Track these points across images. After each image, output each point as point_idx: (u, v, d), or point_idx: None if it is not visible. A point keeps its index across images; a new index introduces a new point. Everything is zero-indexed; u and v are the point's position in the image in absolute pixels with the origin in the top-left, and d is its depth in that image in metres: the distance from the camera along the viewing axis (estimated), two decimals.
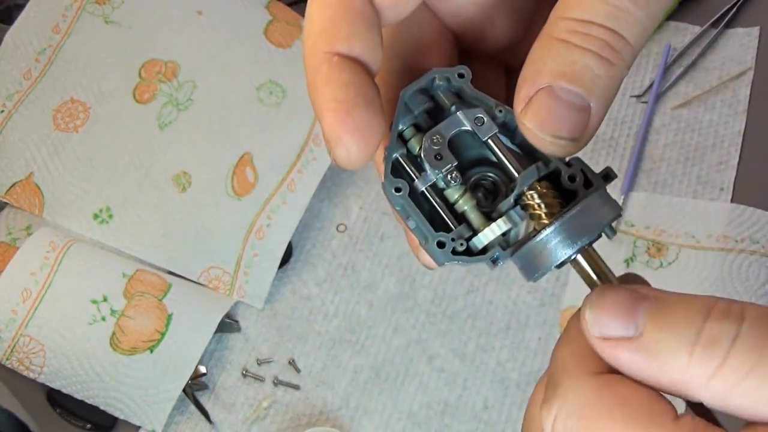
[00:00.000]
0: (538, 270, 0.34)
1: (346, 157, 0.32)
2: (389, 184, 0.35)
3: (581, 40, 0.31)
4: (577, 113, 0.31)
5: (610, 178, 0.35)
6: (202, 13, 1.05)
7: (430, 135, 0.35)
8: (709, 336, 0.28)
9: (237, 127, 0.99)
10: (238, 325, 0.92)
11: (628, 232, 0.93)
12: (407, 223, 0.35)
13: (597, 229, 0.33)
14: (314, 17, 0.34)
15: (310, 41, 0.34)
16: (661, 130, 0.99)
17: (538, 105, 0.32)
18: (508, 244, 0.35)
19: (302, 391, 0.88)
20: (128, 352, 0.86)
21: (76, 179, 0.97)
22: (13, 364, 0.85)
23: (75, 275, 0.88)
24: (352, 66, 0.33)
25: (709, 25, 1.04)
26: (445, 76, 0.36)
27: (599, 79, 0.31)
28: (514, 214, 0.35)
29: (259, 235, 0.95)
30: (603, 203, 0.33)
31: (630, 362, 0.30)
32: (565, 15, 0.32)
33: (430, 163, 0.34)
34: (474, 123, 0.35)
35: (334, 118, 0.32)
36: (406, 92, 0.36)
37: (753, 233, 0.89)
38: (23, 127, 0.99)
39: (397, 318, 0.92)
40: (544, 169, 0.35)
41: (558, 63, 0.31)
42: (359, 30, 0.33)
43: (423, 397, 0.87)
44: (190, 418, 0.87)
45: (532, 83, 0.32)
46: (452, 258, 0.34)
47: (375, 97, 0.33)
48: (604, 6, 0.31)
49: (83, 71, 1.01)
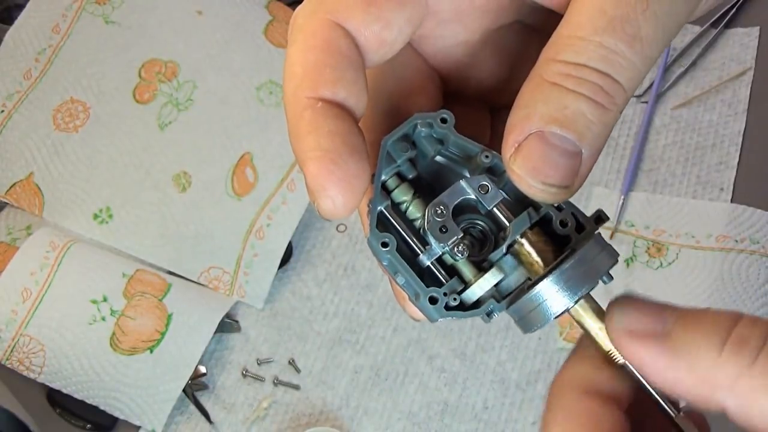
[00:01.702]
0: (535, 324, 0.32)
1: (331, 208, 0.31)
2: (375, 239, 0.33)
3: (574, 84, 0.30)
4: (569, 159, 0.30)
5: (602, 220, 0.34)
6: (202, 13, 1.05)
7: (433, 206, 0.33)
8: (739, 335, 0.28)
9: (237, 127, 0.99)
10: (238, 325, 0.92)
11: (628, 232, 0.93)
12: (396, 279, 0.34)
13: (595, 278, 0.32)
14: (296, 60, 0.32)
15: (291, 85, 0.32)
16: (661, 130, 0.99)
17: (528, 151, 0.30)
18: (502, 295, 0.34)
19: (302, 391, 0.88)
20: (128, 352, 0.86)
21: (76, 179, 0.97)
22: (13, 364, 0.85)
23: (75, 275, 0.88)
24: (337, 112, 0.31)
25: (709, 25, 1.04)
26: (428, 122, 0.34)
27: (592, 124, 0.30)
28: (506, 263, 0.34)
29: (259, 235, 0.95)
30: (600, 250, 0.32)
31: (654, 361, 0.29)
32: (556, 57, 0.30)
33: (435, 236, 0.33)
34: (478, 191, 0.33)
35: (318, 168, 0.31)
36: (387, 140, 0.34)
37: (753, 233, 0.89)
38: (23, 127, 0.99)
39: (397, 318, 0.92)
40: (535, 215, 0.33)
41: (549, 107, 0.30)
42: (344, 74, 0.32)
43: (423, 397, 0.87)
44: (190, 418, 0.87)
45: (522, 128, 0.30)
46: (446, 314, 0.33)
47: (360, 144, 0.32)
48: (598, 49, 0.30)
49: (83, 71, 1.01)
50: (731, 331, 0.28)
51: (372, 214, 0.34)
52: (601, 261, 0.32)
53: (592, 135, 0.30)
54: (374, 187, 0.34)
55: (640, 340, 0.29)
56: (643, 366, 0.29)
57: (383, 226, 0.34)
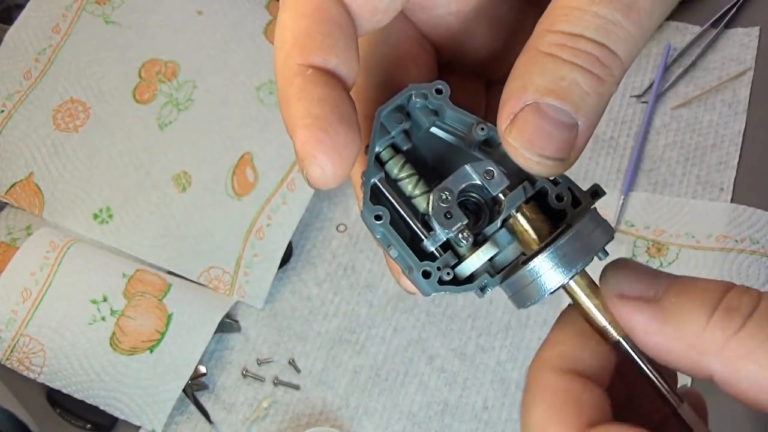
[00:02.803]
0: (530, 299, 0.32)
1: (320, 176, 0.30)
2: (368, 212, 0.33)
3: (570, 55, 0.29)
4: (565, 131, 0.30)
5: (599, 195, 0.33)
6: (202, 13, 1.05)
7: (438, 191, 0.33)
8: (729, 303, 0.28)
9: (237, 127, 0.99)
10: (238, 325, 0.92)
11: (628, 232, 0.93)
12: (389, 252, 0.33)
13: (590, 254, 0.32)
14: (287, 27, 0.32)
15: (282, 52, 0.32)
16: (661, 130, 0.99)
17: (523, 122, 0.30)
18: (496, 270, 0.34)
19: (302, 391, 0.88)
20: (128, 352, 0.86)
21: (76, 179, 0.97)
22: (13, 364, 0.85)
23: (75, 275, 0.88)
24: (327, 80, 0.31)
25: (709, 25, 1.04)
26: (422, 93, 0.33)
27: (588, 96, 0.30)
28: (501, 238, 0.33)
29: (259, 235, 0.95)
30: (595, 226, 0.32)
31: (645, 324, 0.29)
32: (552, 28, 0.30)
33: (439, 222, 0.32)
34: (483, 177, 0.33)
35: (308, 136, 0.30)
36: (381, 112, 0.33)
37: (753, 233, 0.89)
38: (23, 127, 0.99)
39: (397, 318, 0.92)
40: (530, 189, 0.33)
41: (545, 78, 0.29)
42: (335, 41, 0.31)
43: (423, 397, 0.87)
44: (190, 418, 0.87)
45: (517, 99, 0.30)
46: (439, 288, 0.33)
47: (351, 113, 0.31)
48: (594, 19, 0.29)
49: (83, 71, 1.01)
50: (722, 299, 0.29)
51: (365, 187, 0.33)
52: (596, 237, 0.32)
53: (588, 106, 0.30)
54: (368, 159, 0.34)
55: (632, 303, 0.30)
56: (633, 329, 0.30)
57: (376, 199, 0.34)
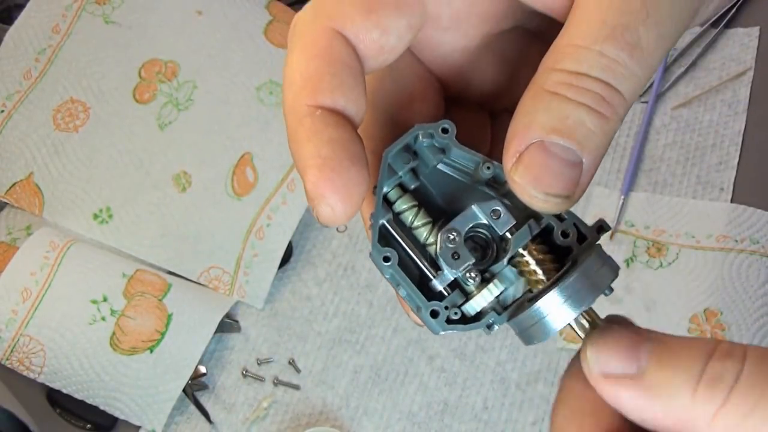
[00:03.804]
0: (537, 338, 0.32)
1: (330, 215, 0.31)
2: (378, 253, 0.33)
3: (575, 94, 0.30)
4: (570, 169, 0.30)
5: (604, 230, 0.34)
6: (202, 13, 1.05)
7: (445, 232, 0.33)
8: (712, 374, 0.28)
9: (237, 127, 0.99)
10: (238, 325, 0.92)
11: (628, 232, 0.93)
12: (398, 291, 0.34)
13: (597, 292, 0.32)
14: (296, 68, 0.32)
15: (291, 93, 0.32)
16: (661, 130, 0.99)
17: (529, 161, 0.30)
18: (503, 307, 0.34)
19: (302, 391, 0.88)
20: (128, 352, 0.86)
21: (76, 179, 0.97)
22: (13, 364, 0.85)
23: (75, 275, 0.88)
24: (336, 120, 0.32)
25: (709, 25, 1.04)
26: (429, 132, 0.34)
27: (593, 134, 0.30)
28: (507, 274, 0.34)
29: (259, 235, 0.95)
30: (601, 264, 0.32)
31: (632, 402, 0.29)
32: (557, 66, 0.30)
33: (447, 262, 0.33)
34: (490, 216, 0.33)
35: (318, 176, 0.31)
36: (389, 152, 0.34)
37: (753, 233, 0.89)
38: (23, 127, 0.99)
39: (397, 318, 0.92)
40: (536, 227, 0.33)
41: (550, 117, 0.30)
42: (344, 81, 0.32)
43: (423, 397, 0.87)
44: (190, 418, 0.87)
45: (522, 138, 0.30)
46: (447, 327, 0.33)
47: (360, 152, 0.32)
48: (599, 58, 0.30)
49: (83, 71, 1.01)
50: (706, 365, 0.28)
51: (374, 229, 0.34)
52: (603, 275, 0.32)
53: (593, 145, 0.30)
54: (375, 200, 0.34)
55: (616, 382, 0.30)
56: (622, 407, 0.30)
57: (385, 240, 0.34)
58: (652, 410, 0.29)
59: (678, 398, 0.28)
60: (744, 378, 0.28)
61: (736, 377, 0.28)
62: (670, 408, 0.28)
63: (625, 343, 0.30)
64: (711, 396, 0.28)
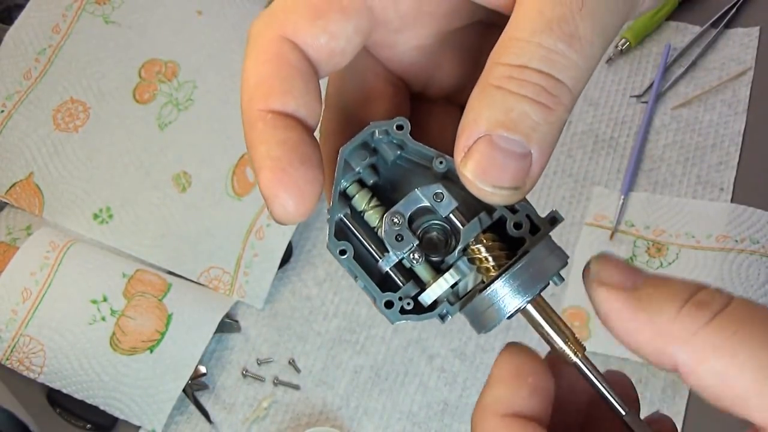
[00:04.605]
0: (488, 325, 0.33)
1: (282, 213, 0.32)
2: (334, 246, 0.35)
3: (517, 87, 0.30)
4: (518, 161, 0.31)
5: (557, 221, 0.34)
6: (202, 13, 1.05)
7: (390, 215, 0.34)
8: (700, 298, 0.30)
9: (237, 127, 0.99)
10: (238, 325, 0.92)
11: (628, 232, 0.93)
12: (357, 282, 0.35)
13: (544, 279, 0.33)
14: (249, 73, 0.34)
15: (245, 97, 0.34)
16: (661, 130, 0.99)
17: (477, 154, 0.31)
18: (458, 297, 0.35)
19: (302, 391, 0.88)
20: (128, 352, 0.86)
21: (76, 179, 0.97)
22: (13, 364, 0.85)
23: (75, 275, 0.88)
24: (287, 123, 0.33)
25: (709, 25, 1.04)
26: (384, 130, 0.35)
27: (538, 125, 0.30)
28: (461, 266, 0.34)
29: (259, 235, 0.95)
30: (549, 252, 0.33)
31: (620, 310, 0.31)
32: (500, 60, 0.31)
33: (391, 244, 0.34)
34: (433, 199, 0.34)
35: (269, 177, 0.32)
36: (345, 150, 0.35)
37: (753, 233, 0.89)
38: (23, 127, 0.99)
39: None
40: (488, 219, 0.34)
41: (494, 111, 0.30)
42: (294, 86, 0.33)
43: (423, 397, 0.87)
44: (190, 418, 0.87)
45: (470, 132, 0.31)
46: (401, 317, 0.34)
47: (311, 153, 0.33)
48: (537, 50, 0.30)
49: (83, 71, 1.01)
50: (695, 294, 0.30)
51: (330, 223, 0.35)
52: (550, 263, 0.33)
53: (539, 135, 0.31)
54: (332, 196, 0.35)
55: (610, 290, 0.31)
56: (608, 314, 0.31)
57: (342, 234, 0.35)
58: (636, 321, 0.30)
59: (663, 314, 0.30)
60: (729, 308, 0.29)
61: (722, 306, 0.29)
62: (653, 321, 0.30)
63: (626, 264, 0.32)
64: (696, 316, 0.29)
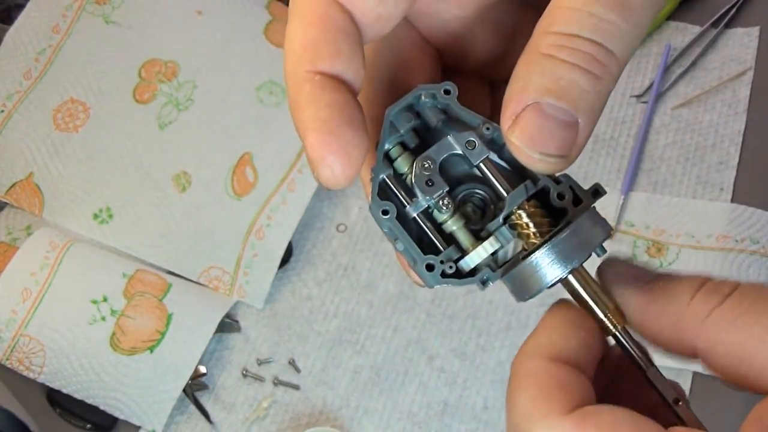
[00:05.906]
0: (529, 292, 0.33)
1: (330, 176, 0.32)
2: (376, 206, 0.34)
3: (567, 55, 0.31)
4: (565, 129, 0.31)
5: (599, 194, 0.35)
6: (202, 13, 1.05)
7: (420, 160, 0.34)
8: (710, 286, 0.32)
9: (237, 127, 0.99)
10: (238, 325, 0.92)
11: (628, 232, 0.93)
12: (396, 245, 0.35)
13: (588, 249, 0.33)
14: (295, 36, 0.33)
15: (291, 60, 0.33)
16: (661, 130, 0.99)
17: (525, 122, 0.31)
18: (498, 265, 0.35)
19: (302, 391, 0.88)
20: (128, 352, 0.86)
21: (76, 179, 0.97)
22: (13, 364, 0.85)
23: (75, 275, 0.88)
24: (334, 85, 0.32)
25: (709, 25, 1.04)
26: (431, 93, 0.35)
27: (586, 94, 0.31)
28: (503, 234, 0.34)
29: (259, 235, 0.95)
30: (593, 223, 0.33)
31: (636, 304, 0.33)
32: (549, 29, 0.31)
33: (421, 189, 0.34)
34: (465, 147, 0.34)
35: (317, 139, 0.32)
36: (391, 111, 0.35)
37: (753, 233, 0.89)
38: (23, 127, 0.99)
39: (397, 318, 0.92)
40: (533, 187, 0.34)
41: (544, 79, 0.31)
42: (341, 48, 0.33)
43: (423, 397, 0.87)
44: (190, 418, 0.87)
45: (518, 100, 0.31)
46: (441, 281, 0.34)
47: (358, 116, 0.33)
48: (589, 19, 0.31)
49: (83, 71, 1.01)
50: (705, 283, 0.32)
51: (374, 182, 0.35)
52: (595, 233, 0.33)
53: (587, 104, 0.31)
54: (377, 156, 0.35)
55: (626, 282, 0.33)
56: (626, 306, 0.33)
57: (385, 194, 0.35)
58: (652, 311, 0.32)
59: (676, 302, 0.32)
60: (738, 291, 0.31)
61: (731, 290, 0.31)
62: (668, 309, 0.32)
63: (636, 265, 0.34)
64: (707, 300, 0.31)
